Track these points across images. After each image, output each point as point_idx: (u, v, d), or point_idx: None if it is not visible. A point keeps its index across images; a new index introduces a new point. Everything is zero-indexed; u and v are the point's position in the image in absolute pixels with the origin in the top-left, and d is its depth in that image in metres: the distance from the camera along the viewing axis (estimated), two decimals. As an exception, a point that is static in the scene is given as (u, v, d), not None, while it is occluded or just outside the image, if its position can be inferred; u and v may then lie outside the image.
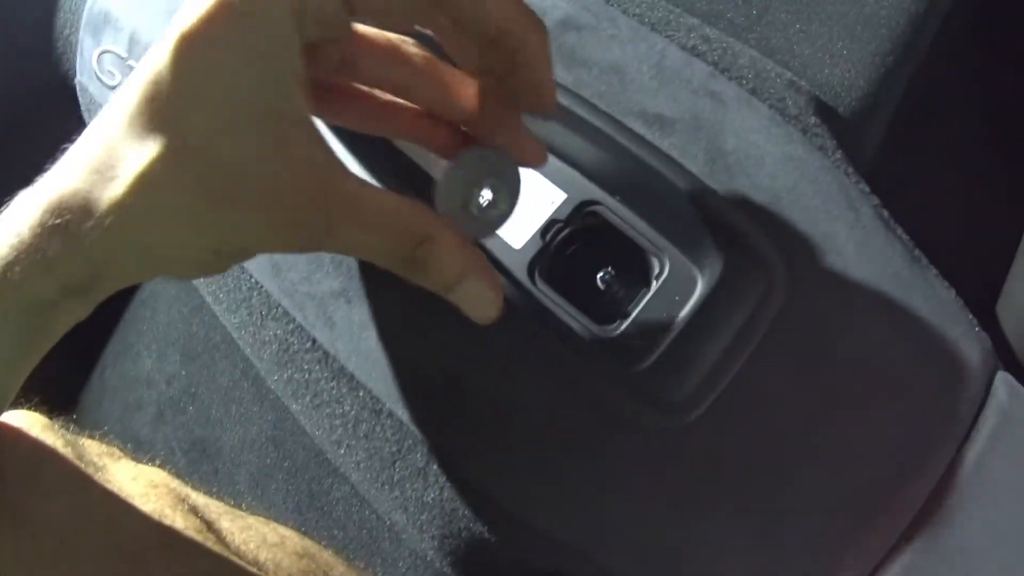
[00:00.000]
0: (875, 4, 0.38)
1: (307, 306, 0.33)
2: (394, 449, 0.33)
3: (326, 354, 0.33)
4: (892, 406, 0.28)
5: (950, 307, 0.30)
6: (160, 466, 0.33)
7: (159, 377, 0.45)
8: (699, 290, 0.31)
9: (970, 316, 0.31)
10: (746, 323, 0.28)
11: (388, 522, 0.39)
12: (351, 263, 0.31)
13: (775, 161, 0.30)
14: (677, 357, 0.29)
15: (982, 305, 0.39)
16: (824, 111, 0.35)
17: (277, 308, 0.34)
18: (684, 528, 0.28)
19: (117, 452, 0.33)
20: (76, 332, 0.34)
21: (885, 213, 0.31)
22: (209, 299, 0.39)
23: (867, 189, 0.31)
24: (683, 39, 0.32)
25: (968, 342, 0.30)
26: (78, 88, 0.44)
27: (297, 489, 0.41)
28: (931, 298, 0.30)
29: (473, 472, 0.30)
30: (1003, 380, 0.30)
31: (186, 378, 0.44)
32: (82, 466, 0.30)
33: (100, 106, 0.42)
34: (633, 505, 0.28)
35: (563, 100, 0.30)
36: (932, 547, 0.27)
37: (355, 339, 0.31)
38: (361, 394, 0.32)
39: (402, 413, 0.31)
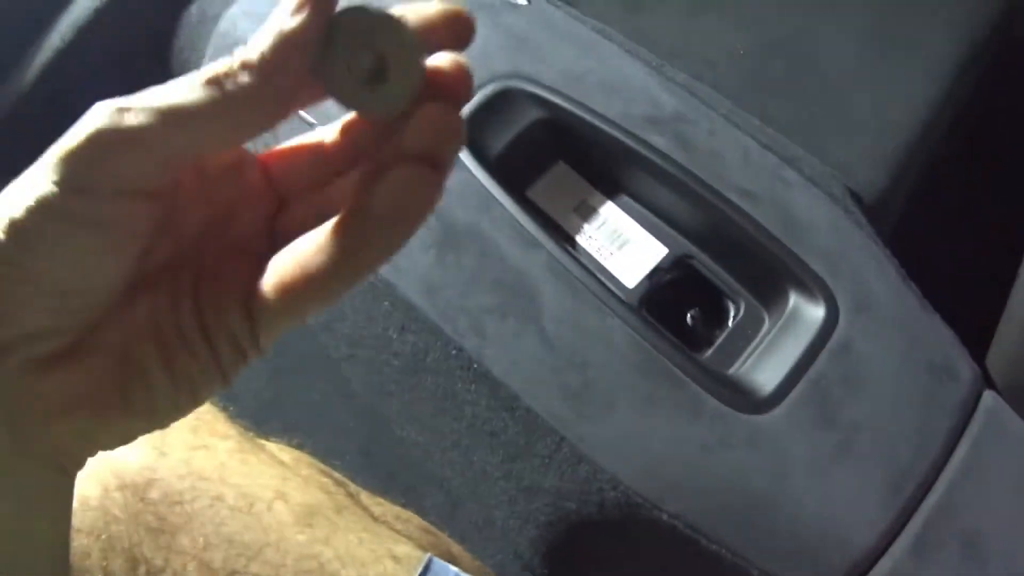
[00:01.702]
0: (895, 111, 0.63)
1: (459, 319, 0.52)
2: (521, 442, 0.52)
3: (470, 360, 0.52)
4: (910, 407, 0.51)
5: (949, 341, 0.53)
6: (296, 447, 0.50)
7: (245, 390, 0.61)
8: (766, 326, 0.53)
9: (964, 349, 0.54)
10: (810, 343, 0.50)
11: (480, 522, 0.57)
12: (510, 282, 0.51)
13: (829, 230, 0.53)
14: (758, 368, 0.50)
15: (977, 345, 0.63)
16: (855, 198, 0.59)
17: (423, 321, 0.53)
18: (780, 494, 0.48)
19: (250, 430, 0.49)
20: None
21: (903, 272, 0.55)
22: (325, 320, 0.57)
23: (890, 254, 0.55)
24: (758, 136, 0.56)
25: (962, 366, 0.53)
26: None
27: (389, 495, 0.58)
28: (936, 334, 0.53)
29: (596, 453, 0.49)
30: (990, 394, 0.53)
31: (274, 392, 0.61)
32: (239, 431, 0.46)
33: None
34: (733, 480, 0.48)
35: (678, 173, 0.52)
36: (939, 514, 0.49)
37: (504, 347, 0.51)
38: (501, 393, 0.51)
39: (540, 407, 0.50)
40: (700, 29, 0.64)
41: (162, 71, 0.64)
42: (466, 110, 0.54)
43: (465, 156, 0.53)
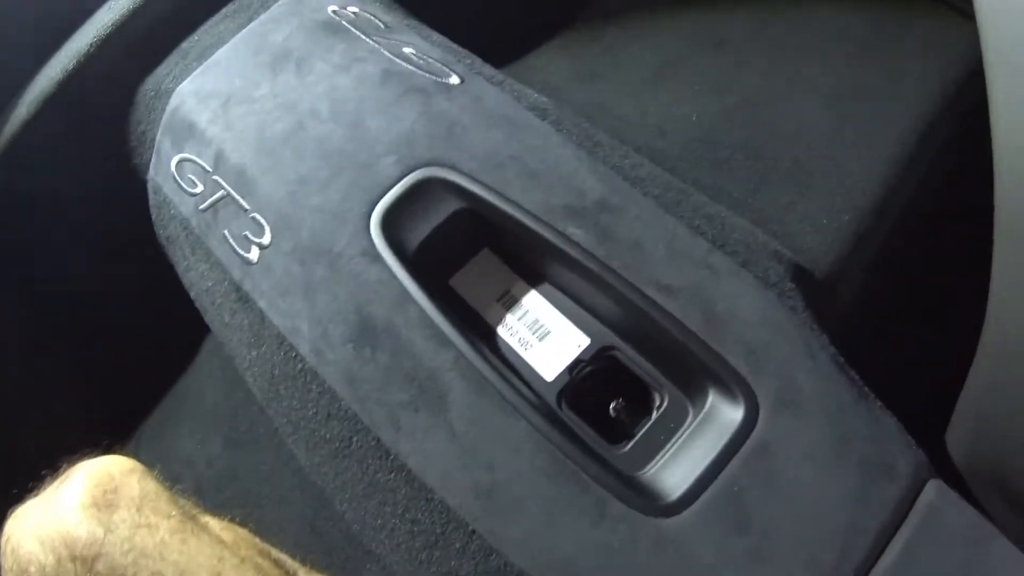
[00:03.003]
0: (854, 177, 0.61)
1: (376, 412, 0.53)
2: (439, 531, 0.53)
3: (387, 452, 0.53)
4: (835, 508, 0.49)
5: (889, 429, 0.51)
6: (240, 524, 0.53)
7: (200, 458, 0.64)
8: (689, 419, 0.52)
9: (907, 437, 0.52)
10: (725, 445, 0.49)
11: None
12: (422, 379, 0.52)
13: (755, 321, 0.52)
14: (670, 469, 0.50)
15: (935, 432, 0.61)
16: (801, 274, 0.57)
17: (346, 411, 0.54)
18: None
19: (198, 508, 0.53)
20: (112, 406, 0.54)
21: (840, 359, 0.53)
22: (272, 396, 0.60)
23: (827, 341, 0.53)
24: (690, 219, 0.54)
25: (901, 459, 0.51)
26: (150, 185, 0.64)
27: (332, 568, 0.60)
28: (873, 423, 0.51)
29: (504, 547, 0.50)
30: (934, 485, 0.51)
31: (227, 462, 0.64)
32: (182, 511, 0.50)
33: (175, 206, 0.62)
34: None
35: (595, 267, 0.52)
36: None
37: (418, 441, 0.52)
38: (416, 485, 0.52)
39: (453, 502, 0.51)
40: (655, 98, 0.63)
41: (122, 143, 0.67)
42: (386, 201, 0.55)
43: (383, 249, 0.54)
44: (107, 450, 0.53)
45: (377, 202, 0.55)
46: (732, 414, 0.50)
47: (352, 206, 0.55)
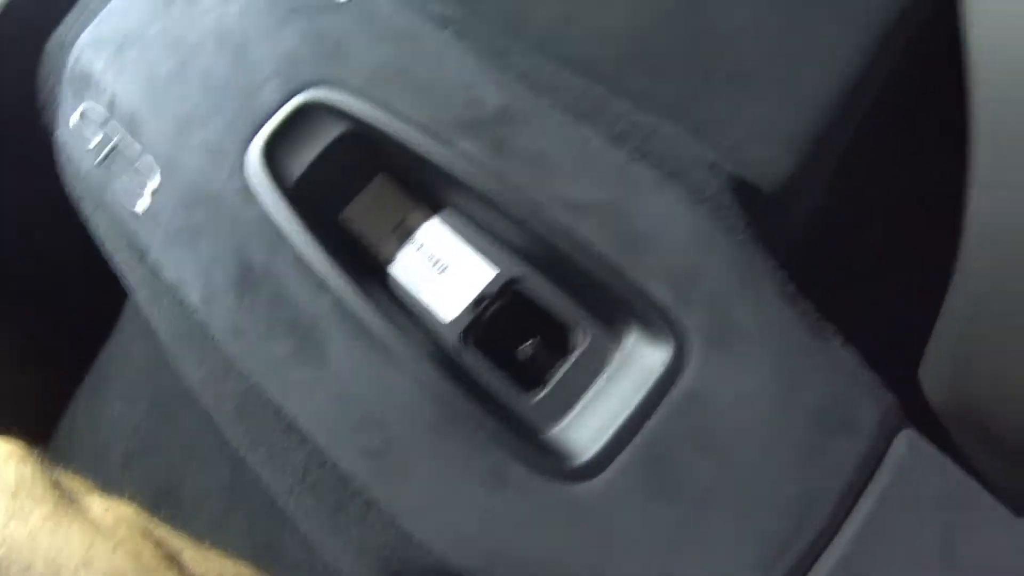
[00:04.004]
0: (809, 79, 0.43)
1: (263, 366, 0.38)
2: (337, 499, 0.37)
3: (278, 409, 0.38)
4: (786, 468, 0.33)
5: (849, 371, 0.34)
6: (129, 500, 0.39)
7: (127, 424, 0.50)
8: (611, 361, 0.35)
9: (872, 377, 0.35)
10: (647, 393, 0.32)
11: (334, 568, 0.43)
12: (303, 327, 0.36)
13: (684, 242, 0.35)
14: (583, 423, 0.33)
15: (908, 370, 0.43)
16: (746, 189, 0.40)
17: (235, 365, 0.39)
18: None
19: (89, 486, 0.39)
20: (52, 367, 0.39)
21: (789, 288, 0.36)
22: (175, 354, 0.44)
23: (773, 264, 0.36)
24: (610, 127, 0.37)
25: (865, 408, 0.34)
26: (56, 142, 0.50)
27: (253, 535, 0.45)
28: (828, 364, 0.34)
29: (402, 517, 0.34)
30: (905, 437, 0.34)
31: (151, 427, 0.49)
32: (58, 495, 0.36)
33: (76, 162, 0.47)
34: (553, 561, 0.32)
35: (494, 185, 0.35)
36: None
37: (303, 397, 0.36)
38: (308, 447, 0.37)
39: (344, 465, 0.36)
40: (581, 4, 0.45)
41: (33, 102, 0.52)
42: (266, 131, 0.39)
43: (259, 184, 0.38)
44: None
45: (257, 133, 0.39)
46: (656, 355, 0.34)
47: (232, 141, 0.40)
